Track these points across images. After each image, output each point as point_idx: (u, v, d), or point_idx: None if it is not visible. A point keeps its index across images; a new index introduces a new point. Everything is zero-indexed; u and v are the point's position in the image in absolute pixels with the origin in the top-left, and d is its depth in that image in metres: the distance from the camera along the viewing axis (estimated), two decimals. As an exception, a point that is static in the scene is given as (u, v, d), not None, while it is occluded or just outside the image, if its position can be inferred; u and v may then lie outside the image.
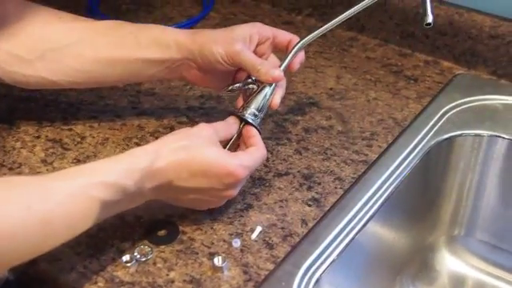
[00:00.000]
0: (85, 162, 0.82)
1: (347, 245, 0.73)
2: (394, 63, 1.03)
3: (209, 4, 1.18)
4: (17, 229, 0.58)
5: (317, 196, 0.78)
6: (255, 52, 0.80)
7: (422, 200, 0.91)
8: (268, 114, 0.89)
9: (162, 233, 0.72)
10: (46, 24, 0.82)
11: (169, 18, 1.15)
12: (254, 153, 0.72)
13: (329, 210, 0.76)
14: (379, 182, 0.81)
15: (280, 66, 0.78)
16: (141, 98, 0.94)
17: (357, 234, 0.75)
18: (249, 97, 0.77)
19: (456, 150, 0.89)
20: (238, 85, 0.79)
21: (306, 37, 0.80)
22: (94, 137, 0.86)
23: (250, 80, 0.78)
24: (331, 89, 0.97)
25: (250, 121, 0.75)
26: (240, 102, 0.79)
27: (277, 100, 0.79)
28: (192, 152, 0.67)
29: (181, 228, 0.73)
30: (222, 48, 0.77)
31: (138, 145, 0.85)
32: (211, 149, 0.69)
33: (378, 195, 0.79)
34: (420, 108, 0.93)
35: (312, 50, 1.06)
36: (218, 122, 0.75)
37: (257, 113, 0.76)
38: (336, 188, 0.79)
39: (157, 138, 0.85)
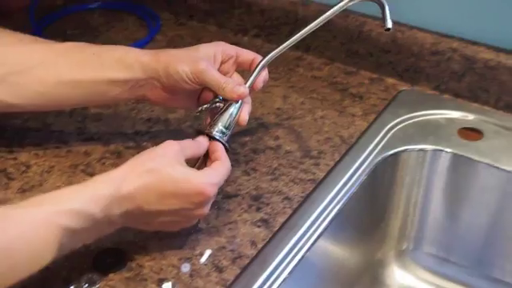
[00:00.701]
0: (30, 191, 0.81)
1: (297, 264, 0.74)
2: (339, 81, 1.05)
3: (155, 27, 1.18)
4: None
5: (266, 217, 0.78)
6: (219, 70, 0.80)
7: (370, 216, 0.92)
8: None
9: (110, 261, 0.72)
10: (5, 47, 0.80)
11: (114, 42, 1.13)
12: (219, 168, 0.72)
13: (278, 230, 0.77)
14: (327, 199, 0.81)
15: (245, 84, 0.79)
16: (87, 124, 0.93)
17: (306, 252, 0.75)
18: (216, 115, 0.78)
19: (401, 166, 0.91)
20: (206, 105, 0.79)
21: (268, 55, 0.81)
22: (39, 165, 0.85)
23: (217, 99, 0.79)
24: (278, 109, 0.98)
25: (218, 137, 0.76)
26: (208, 121, 0.79)
27: (245, 116, 0.80)
28: (159, 174, 0.67)
29: (129, 255, 0.72)
30: (186, 67, 0.77)
31: (84, 172, 0.84)
32: (178, 169, 0.68)
33: (326, 213, 0.80)
34: (366, 125, 0.94)
35: (259, 70, 1.07)
36: (186, 139, 0.74)
37: (224, 130, 0.77)
38: (285, 208, 0.80)
39: (103, 164, 0.85)
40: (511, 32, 0.96)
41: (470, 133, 0.94)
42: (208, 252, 0.73)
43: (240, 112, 0.79)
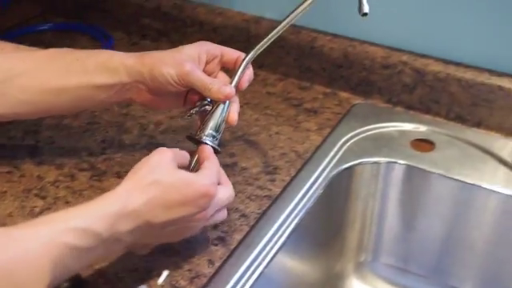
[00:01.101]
0: (-18, 217, 0.80)
1: (256, 280, 0.74)
2: (294, 97, 1.06)
3: (108, 47, 1.17)
4: None
5: (222, 235, 0.78)
6: (205, 71, 0.80)
7: (327, 229, 0.93)
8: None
9: (65, 285, 0.70)
10: None
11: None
12: (212, 166, 0.72)
13: (235, 248, 0.77)
14: (284, 215, 0.82)
15: (231, 83, 0.79)
16: (40, 147, 0.92)
17: (265, 268, 0.75)
18: (205, 116, 0.78)
19: (356, 179, 0.92)
20: (195, 109, 0.80)
21: (250, 52, 0.80)
22: (-9, 191, 0.84)
23: (205, 102, 0.80)
24: (233, 126, 0.98)
25: (209, 142, 0.76)
26: (198, 125, 0.79)
27: (234, 116, 0.80)
28: (161, 186, 0.66)
29: (85, 279, 0.71)
30: (172, 69, 0.77)
31: (37, 196, 0.83)
32: (178, 175, 0.68)
33: (283, 228, 0.80)
34: (321, 139, 0.95)
35: (213, 88, 1.07)
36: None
37: (214, 133, 0.78)
38: (241, 225, 0.80)
39: (58, 187, 0.84)
40: (459, 44, 0.98)
41: (423, 144, 0.95)
42: (165, 273, 0.72)
43: (228, 112, 0.79)
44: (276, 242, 0.78)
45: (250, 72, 0.82)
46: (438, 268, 0.97)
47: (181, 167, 0.71)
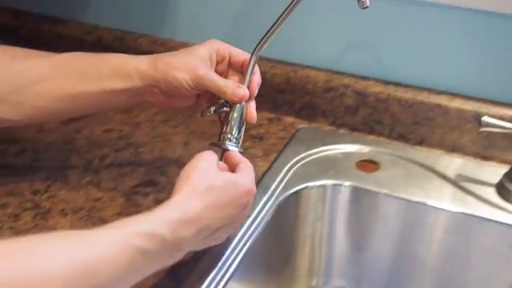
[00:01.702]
0: None
1: (209, 310, 0.73)
2: (239, 124, 1.06)
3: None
4: (57, 281, 0.56)
5: (173, 268, 0.77)
6: (216, 71, 0.82)
7: (278, 255, 0.93)
8: (119, 190, 0.89)
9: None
10: (3, 66, 0.80)
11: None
12: (247, 167, 0.76)
13: (186, 279, 0.76)
14: (233, 242, 0.81)
15: (244, 83, 0.81)
16: (-18, 188, 0.91)
17: (217, 297, 0.75)
18: (224, 119, 0.81)
19: (303, 203, 0.92)
20: (212, 108, 0.82)
21: (254, 51, 0.81)
22: None
23: (221, 101, 0.81)
24: (179, 156, 0.98)
25: (233, 148, 0.80)
26: (222, 129, 0.82)
27: (252, 114, 0.82)
28: (215, 190, 0.70)
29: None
30: (186, 74, 0.78)
31: (-20, 238, 0.81)
32: (226, 178, 0.72)
33: (233, 256, 0.80)
34: (267, 165, 0.96)
35: (158, 118, 1.06)
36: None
37: (236, 137, 0.80)
38: (191, 254, 0.79)
39: (1, 228, 0.83)
40: (397, 65, 1.01)
41: (368, 164, 0.97)
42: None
43: (246, 111, 0.81)
44: (227, 270, 0.78)
45: (257, 78, 0.83)
46: (390, 287, 0.97)
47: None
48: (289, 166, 0.95)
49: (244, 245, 0.82)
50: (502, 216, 0.87)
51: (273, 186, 0.90)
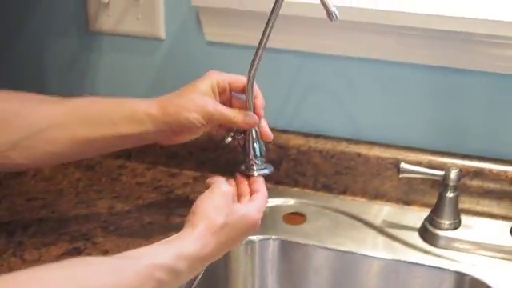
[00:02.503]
0: None
1: None
2: (164, 184, 1.06)
3: None
4: None
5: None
6: (220, 101, 0.86)
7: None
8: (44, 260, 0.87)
9: None
10: (15, 109, 0.81)
11: None
12: (261, 199, 0.81)
13: None
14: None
15: (249, 109, 0.85)
16: None
17: None
18: (243, 145, 0.86)
19: (233, 259, 0.93)
20: (229, 138, 0.88)
21: (251, 68, 0.84)
22: None
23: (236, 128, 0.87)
24: (105, 221, 0.96)
25: (257, 173, 0.85)
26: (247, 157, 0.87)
27: (267, 133, 0.88)
28: (229, 227, 0.75)
29: None
30: (196, 114, 0.82)
31: None
32: (239, 213, 0.76)
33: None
34: (195, 224, 0.95)
35: (81, 184, 1.05)
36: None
37: (259, 159, 0.86)
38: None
39: None
40: (315, 118, 1.03)
41: (294, 217, 0.98)
42: None
43: (260, 131, 0.86)
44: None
45: (260, 100, 0.87)
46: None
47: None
48: (216, 223, 0.94)
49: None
50: (428, 259, 0.90)
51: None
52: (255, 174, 0.85)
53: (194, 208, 0.77)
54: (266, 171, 0.87)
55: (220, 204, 0.76)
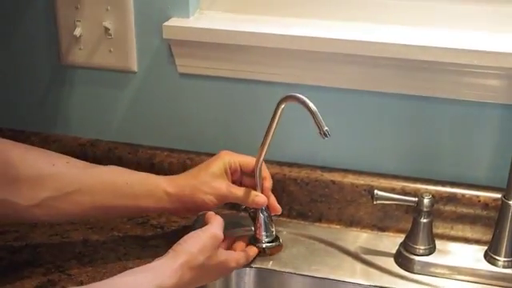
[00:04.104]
0: None
1: None
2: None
3: None
4: None
5: None
6: (232, 181, 0.93)
7: None
8: None
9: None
10: (46, 173, 0.86)
11: None
12: (242, 256, 0.89)
13: None
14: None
15: (257, 189, 0.93)
16: None
17: None
18: (254, 217, 0.95)
19: None
20: (243, 206, 0.97)
21: (259, 154, 0.91)
22: None
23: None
24: (80, 253, 0.95)
25: (266, 246, 0.94)
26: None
27: (275, 207, 0.95)
28: (206, 269, 0.82)
29: None
30: (210, 195, 0.91)
31: None
32: (219, 260, 0.84)
33: None
34: (170, 254, 0.94)
35: (55, 216, 1.04)
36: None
37: (270, 230, 0.95)
38: None
39: None
40: (288, 146, 1.04)
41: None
42: None
43: (270, 206, 0.94)
44: None
45: (268, 182, 0.94)
46: None
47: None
48: (192, 253, 0.94)
49: None
50: (404, 285, 0.90)
51: (177, 275, 0.89)
52: (263, 246, 0.94)
53: (182, 240, 0.82)
54: (272, 244, 0.95)
55: (206, 245, 0.82)
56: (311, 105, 0.84)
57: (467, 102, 0.96)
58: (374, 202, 0.92)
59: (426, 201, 0.91)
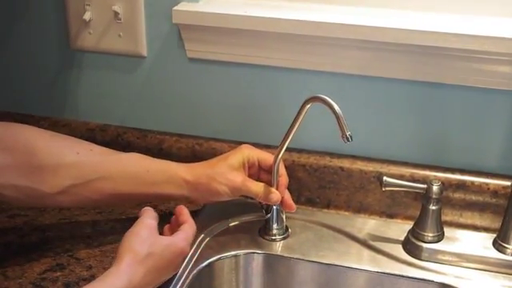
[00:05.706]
0: None
1: None
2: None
3: None
4: None
5: None
6: (249, 174, 0.94)
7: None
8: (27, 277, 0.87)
9: None
10: (70, 161, 0.87)
11: None
12: (186, 229, 0.86)
13: None
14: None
15: (273, 185, 0.93)
16: None
17: None
18: (266, 209, 0.96)
19: (217, 274, 0.92)
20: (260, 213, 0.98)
21: (277, 158, 0.92)
22: None
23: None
24: (89, 237, 0.96)
25: (277, 238, 0.95)
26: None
27: (291, 205, 0.95)
28: (154, 256, 0.80)
29: None
30: (225, 186, 0.92)
31: None
32: (164, 243, 0.82)
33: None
34: (179, 239, 0.95)
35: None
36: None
37: (280, 225, 0.95)
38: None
39: None
40: (298, 133, 1.03)
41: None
42: None
43: (284, 203, 0.94)
44: None
45: (284, 179, 0.95)
46: None
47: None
48: (200, 238, 0.94)
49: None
50: (412, 271, 0.90)
51: (185, 261, 0.89)
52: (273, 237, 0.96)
53: (120, 243, 0.81)
54: (283, 236, 0.95)
55: (144, 236, 0.81)
56: (337, 108, 0.83)
57: (477, 88, 0.95)
58: (383, 189, 0.92)
59: (435, 188, 0.90)
